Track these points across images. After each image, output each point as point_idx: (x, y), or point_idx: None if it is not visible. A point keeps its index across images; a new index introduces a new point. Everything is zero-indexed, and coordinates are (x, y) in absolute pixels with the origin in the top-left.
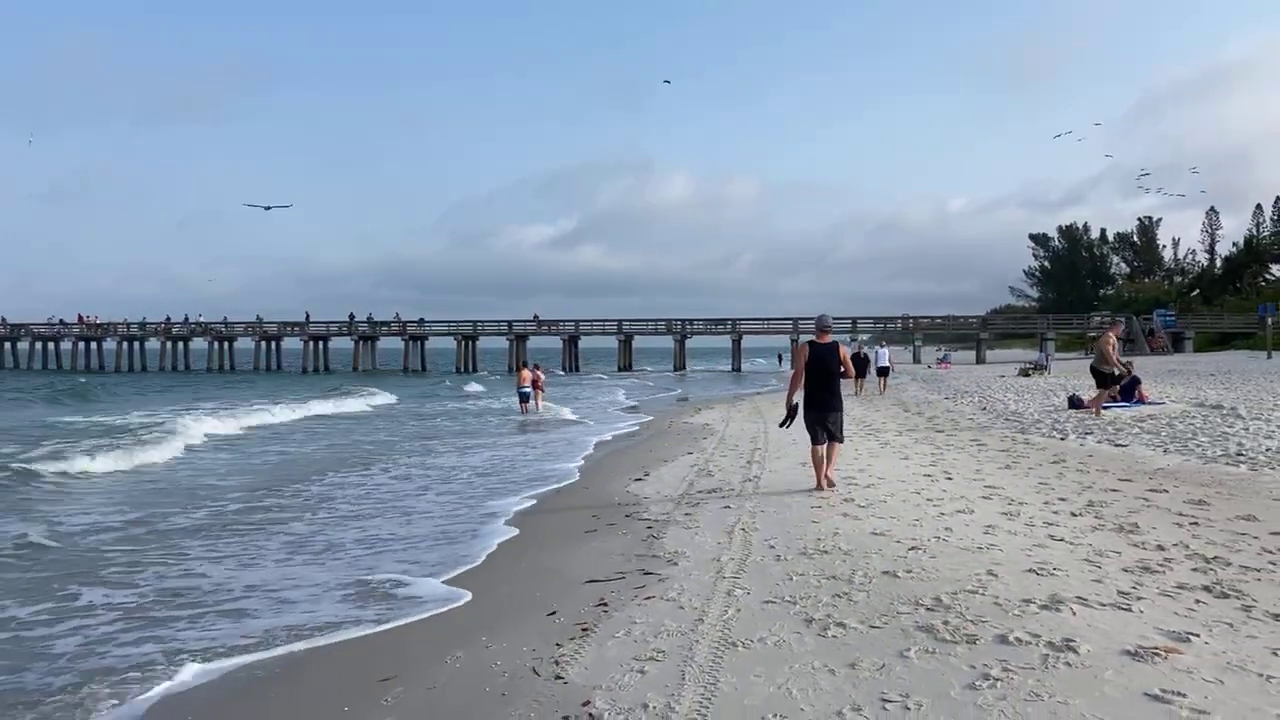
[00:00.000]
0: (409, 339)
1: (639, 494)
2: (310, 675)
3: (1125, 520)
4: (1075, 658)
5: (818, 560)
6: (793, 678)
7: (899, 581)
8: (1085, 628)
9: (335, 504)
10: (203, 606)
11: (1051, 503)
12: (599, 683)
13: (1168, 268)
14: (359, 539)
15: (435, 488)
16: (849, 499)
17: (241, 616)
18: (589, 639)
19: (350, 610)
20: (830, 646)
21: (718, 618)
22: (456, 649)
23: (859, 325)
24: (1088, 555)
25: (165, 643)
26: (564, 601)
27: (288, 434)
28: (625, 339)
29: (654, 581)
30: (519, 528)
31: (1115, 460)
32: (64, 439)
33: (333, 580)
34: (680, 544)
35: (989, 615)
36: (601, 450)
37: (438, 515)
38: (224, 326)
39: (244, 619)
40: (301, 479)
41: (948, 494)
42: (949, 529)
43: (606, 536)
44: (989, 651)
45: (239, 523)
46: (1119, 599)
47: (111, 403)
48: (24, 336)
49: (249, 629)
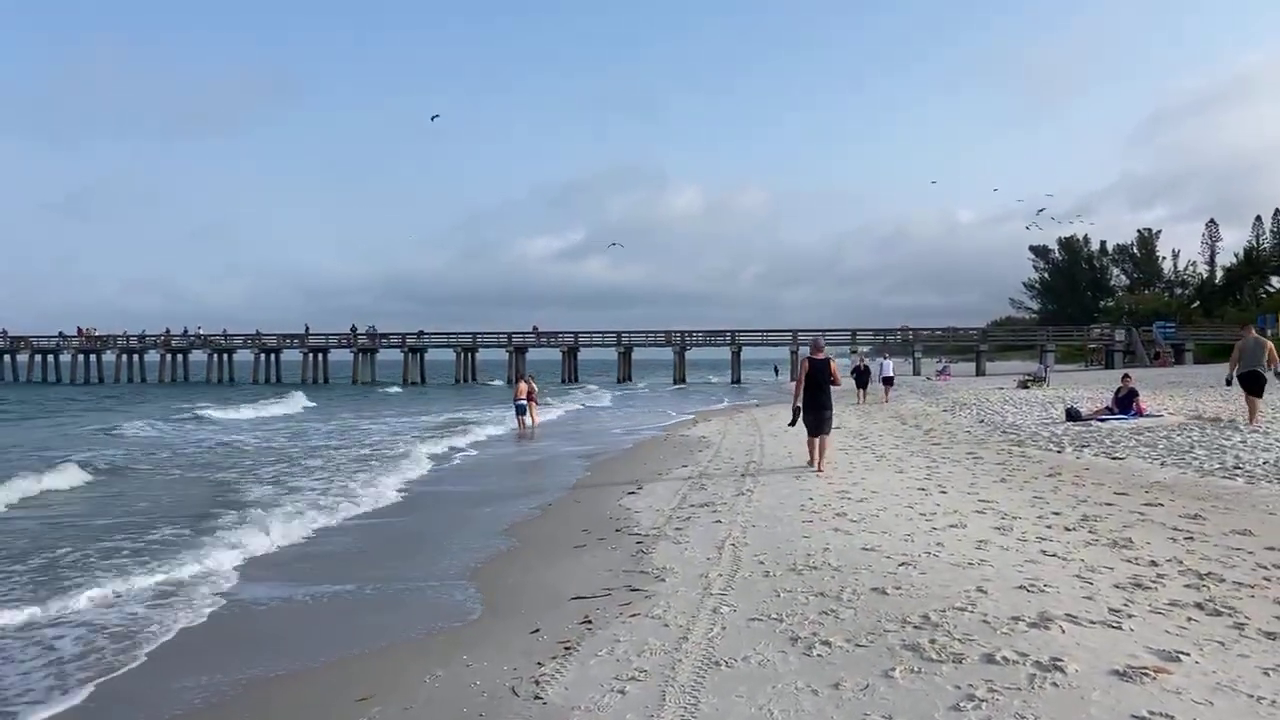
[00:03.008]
0: (408, 351)
1: (631, 508)
2: (287, 694)
3: (1119, 535)
4: (1062, 678)
5: (807, 576)
6: (775, 698)
7: (887, 598)
8: (1074, 646)
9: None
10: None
11: (1045, 517)
12: (578, 703)
13: (1167, 279)
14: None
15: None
16: (841, 513)
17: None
18: (571, 658)
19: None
20: (814, 666)
21: (702, 636)
22: (436, 667)
23: (858, 337)
24: (1079, 571)
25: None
26: (548, 618)
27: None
28: (625, 351)
29: (640, 598)
30: (513, 540)
31: (1112, 473)
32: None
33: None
34: (669, 559)
35: (977, 633)
36: (595, 463)
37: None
38: (223, 339)
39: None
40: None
41: (941, 508)
42: (940, 544)
43: (596, 551)
44: (975, 671)
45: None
46: (1109, 616)
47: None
48: (23, 349)
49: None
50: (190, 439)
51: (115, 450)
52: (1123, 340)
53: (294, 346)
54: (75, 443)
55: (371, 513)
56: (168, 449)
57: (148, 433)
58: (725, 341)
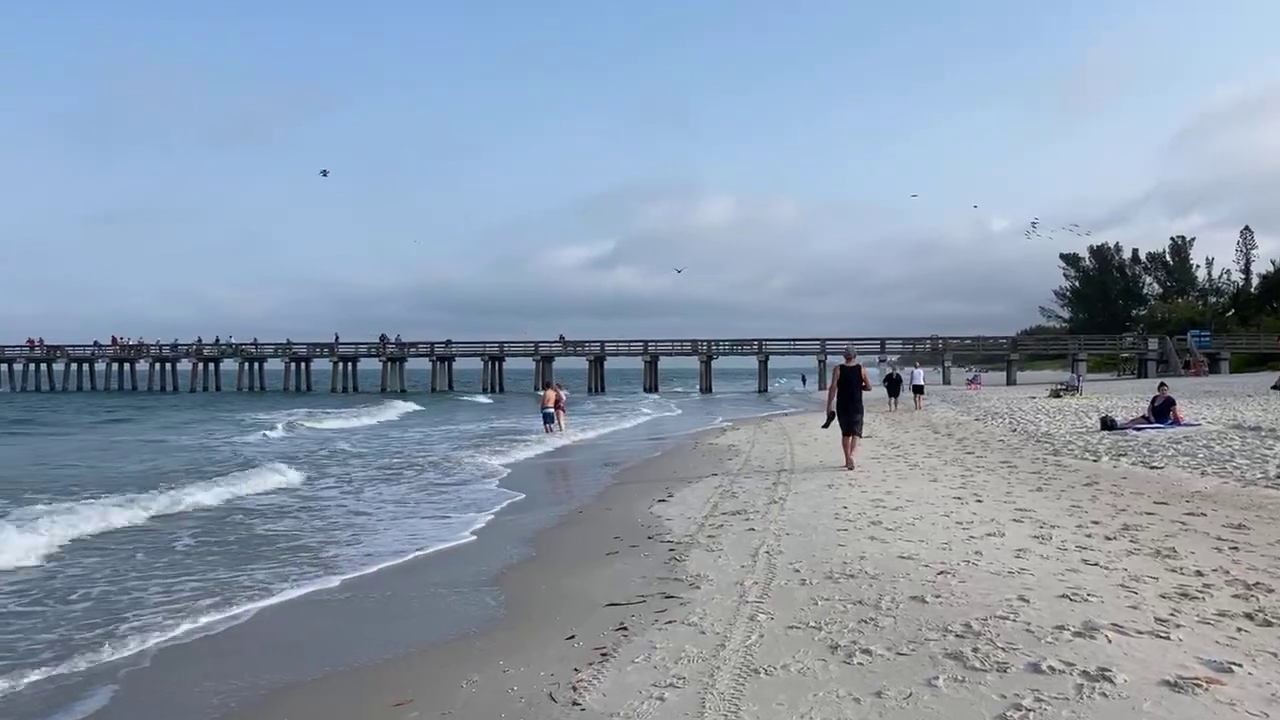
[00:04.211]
0: (436, 360)
1: (662, 515)
2: (323, 698)
3: (1162, 544)
4: (1111, 688)
5: (844, 585)
6: (816, 706)
7: (927, 607)
8: (1121, 656)
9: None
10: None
11: (1085, 526)
12: (617, 710)
13: (1201, 288)
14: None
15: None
16: (876, 522)
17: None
18: (608, 664)
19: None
20: (856, 674)
21: (740, 643)
22: (473, 672)
23: (887, 346)
24: (1123, 580)
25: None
26: (584, 625)
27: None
28: (651, 360)
29: (675, 605)
30: (542, 547)
31: (1150, 483)
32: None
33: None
34: (703, 567)
35: (1020, 642)
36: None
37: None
38: (254, 348)
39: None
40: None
41: (978, 517)
42: (979, 552)
43: (628, 558)
44: (1021, 680)
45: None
46: (1156, 626)
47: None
48: (60, 358)
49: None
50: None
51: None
52: (1156, 349)
53: (324, 355)
54: (248, 447)
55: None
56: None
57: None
58: (752, 350)
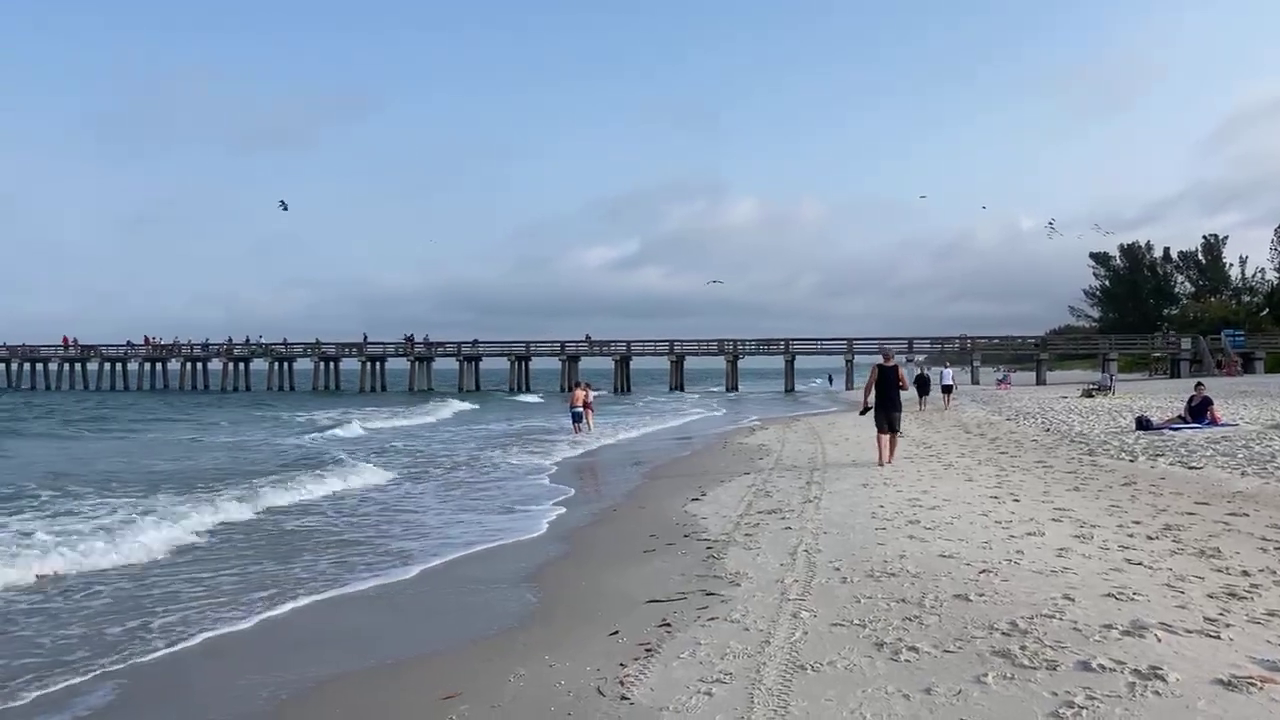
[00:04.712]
0: (463, 360)
1: (696, 514)
2: (370, 690)
3: (1205, 544)
4: (1164, 686)
5: (885, 583)
6: (866, 702)
7: (971, 605)
8: (1172, 655)
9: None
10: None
11: (1125, 526)
12: (666, 704)
13: (1235, 287)
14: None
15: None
16: (914, 521)
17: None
18: (653, 659)
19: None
20: (903, 671)
21: (784, 640)
22: (519, 666)
23: (915, 346)
24: (1168, 580)
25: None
26: (625, 621)
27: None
28: (677, 360)
29: (716, 602)
30: (578, 544)
31: (1190, 483)
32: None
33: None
34: (741, 565)
35: (1068, 641)
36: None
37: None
38: (284, 347)
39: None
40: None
41: (1016, 516)
42: (1020, 551)
43: (666, 556)
44: (1071, 678)
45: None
46: (1206, 625)
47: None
48: (94, 358)
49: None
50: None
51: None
52: (1189, 349)
53: (352, 355)
54: (332, 445)
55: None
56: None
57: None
58: (779, 350)
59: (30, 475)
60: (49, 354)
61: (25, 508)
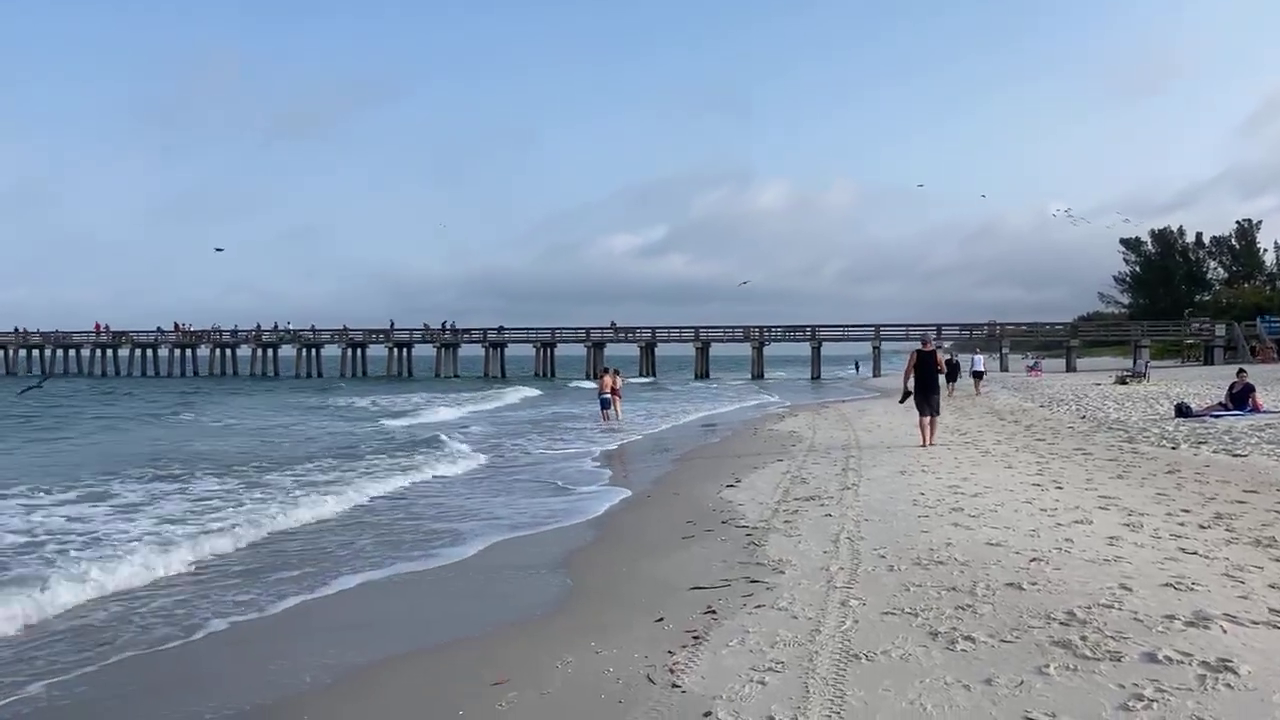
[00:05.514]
0: (489, 346)
1: (732, 500)
2: (419, 673)
3: (1260, 534)
4: (1236, 679)
5: (934, 571)
6: (925, 693)
7: (1025, 594)
8: (1240, 647)
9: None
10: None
11: (1175, 514)
12: (718, 693)
13: (1270, 272)
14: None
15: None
16: (957, 508)
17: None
18: (702, 647)
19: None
20: (961, 661)
21: (835, 628)
22: (566, 653)
23: (943, 333)
24: (1226, 570)
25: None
26: (670, 608)
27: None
28: (702, 346)
29: (762, 590)
30: (615, 530)
31: (1236, 471)
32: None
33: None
34: (784, 552)
35: (1130, 631)
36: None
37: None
38: (312, 333)
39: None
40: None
41: (1061, 504)
42: (1069, 540)
43: (705, 542)
44: (1137, 670)
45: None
46: (1271, 617)
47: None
48: (125, 344)
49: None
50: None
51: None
52: (1224, 335)
53: (379, 342)
54: (414, 431)
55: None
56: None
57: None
58: (805, 336)
59: (229, 458)
60: (81, 340)
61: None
